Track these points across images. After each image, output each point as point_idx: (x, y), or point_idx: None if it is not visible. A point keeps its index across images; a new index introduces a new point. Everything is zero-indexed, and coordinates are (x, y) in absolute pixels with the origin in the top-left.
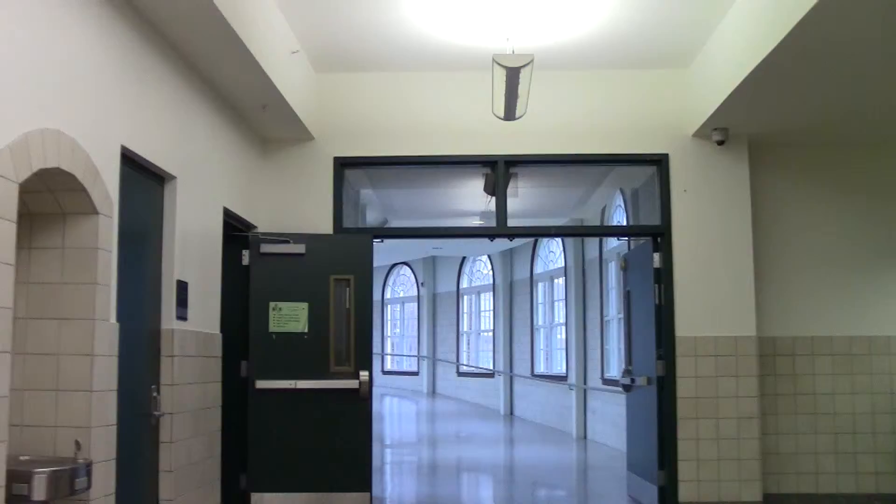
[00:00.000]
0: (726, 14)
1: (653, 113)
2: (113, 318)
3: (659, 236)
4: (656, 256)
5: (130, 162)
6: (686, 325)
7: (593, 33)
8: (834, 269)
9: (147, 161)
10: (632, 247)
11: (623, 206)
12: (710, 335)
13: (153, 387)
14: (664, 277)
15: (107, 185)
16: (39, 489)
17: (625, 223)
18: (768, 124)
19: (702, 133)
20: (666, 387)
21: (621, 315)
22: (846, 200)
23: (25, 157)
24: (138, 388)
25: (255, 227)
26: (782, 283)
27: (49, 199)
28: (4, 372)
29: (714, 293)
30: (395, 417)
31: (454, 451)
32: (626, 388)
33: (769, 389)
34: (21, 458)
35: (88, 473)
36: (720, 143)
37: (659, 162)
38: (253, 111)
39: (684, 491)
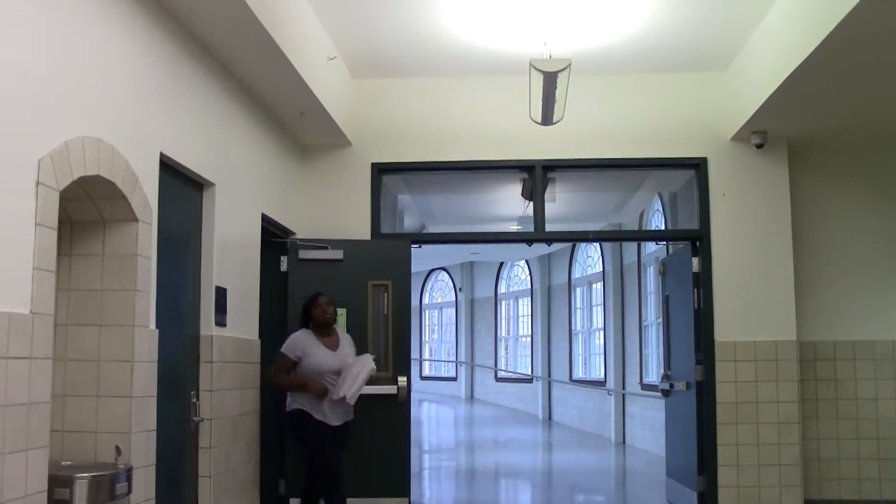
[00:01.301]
0: (765, 16)
1: (691, 117)
2: (152, 325)
3: (698, 240)
4: (695, 261)
5: (169, 169)
6: (725, 329)
7: (630, 37)
8: (875, 272)
9: (186, 168)
10: (670, 251)
11: (661, 210)
12: (749, 340)
13: (192, 392)
14: (703, 282)
15: (146, 192)
16: (81, 494)
17: (663, 227)
18: (808, 127)
19: (740, 136)
20: (705, 392)
21: (660, 320)
22: (887, 203)
23: (66, 165)
24: (178, 393)
25: (293, 233)
26: (823, 286)
27: (89, 206)
28: (46, 378)
29: (753, 297)
30: (433, 423)
31: (492, 457)
32: (665, 393)
33: (810, 394)
34: (62, 463)
35: (129, 479)
36: (759, 146)
37: (697, 166)
38: (291, 117)
39: (724, 496)
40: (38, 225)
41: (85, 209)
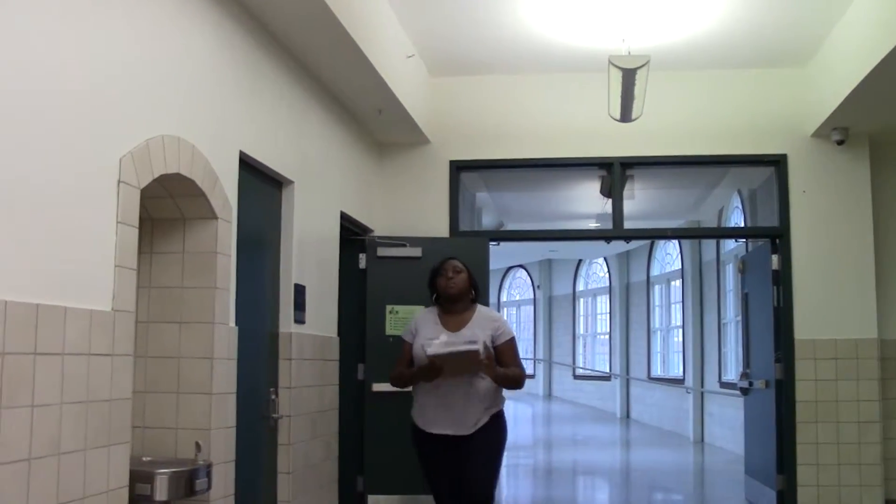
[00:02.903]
0: (847, 9)
1: (770, 113)
2: (232, 322)
3: (777, 238)
4: (775, 258)
5: (249, 167)
6: (805, 327)
7: (709, 32)
8: None
9: (265, 166)
10: (749, 248)
11: (740, 207)
12: (830, 338)
13: (272, 389)
14: (783, 279)
15: (226, 190)
16: (161, 489)
17: (742, 225)
18: (890, 123)
19: (821, 133)
20: (785, 390)
21: (739, 318)
22: None
23: (147, 164)
24: (257, 390)
25: (371, 230)
26: None
27: (170, 204)
28: (128, 374)
29: (834, 295)
30: (511, 420)
31: (570, 455)
32: (744, 392)
33: (891, 393)
34: (143, 458)
35: (208, 474)
36: (840, 142)
37: (777, 163)
38: (369, 115)
39: (803, 496)
40: (120, 223)
41: (165, 207)
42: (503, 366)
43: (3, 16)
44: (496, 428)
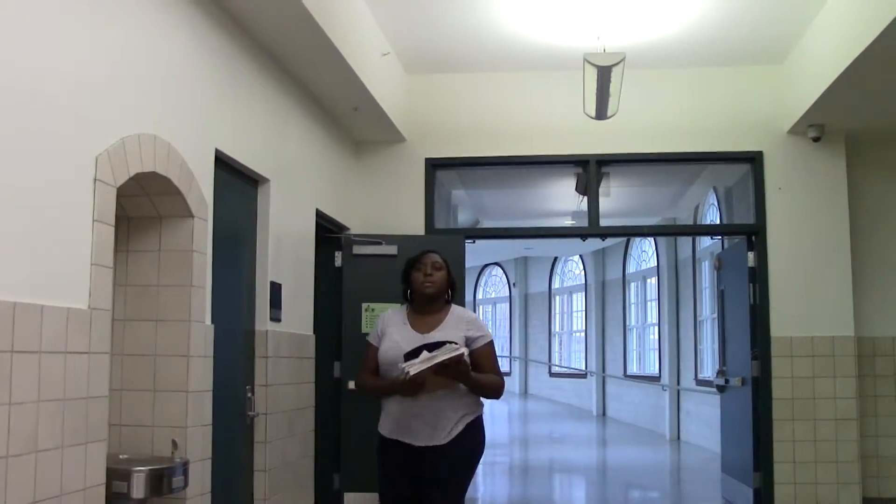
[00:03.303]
0: (822, 7)
1: (746, 110)
2: (208, 320)
3: (753, 235)
4: (751, 255)
5: (225, 165)
6: (782, 324)
7: (685, 30)
8: None
9: (241, 164)
10: (725, 246)
11: (716, 204)
12: (806, 335)
13: (248, 387)
14: (759, 277)
15: (202, 188)
16: (138, 487)
17: (718, 222)
18: (866, 120)
19: (797, 130)
20: (761, 388)
21: (715, 315)
22: None
23: (123, 162)
24: (233, 388)
25: (347, 228)
26: (881, 282)
27: (146, 202)
28: (104, 372)
29: (810, 292)
30: (487, 418)
31: (546, 452)
32: (721, 389)
33: (868, 391)
34: (120, 456)
35: (185, 472)
36: (816, 139)
37: (753, 160)
38: (345, 113)
39: (780, 493)
40: (96, 221)
41: (141, 205)
42: (483, 370)
43: None
44: (472, 438)
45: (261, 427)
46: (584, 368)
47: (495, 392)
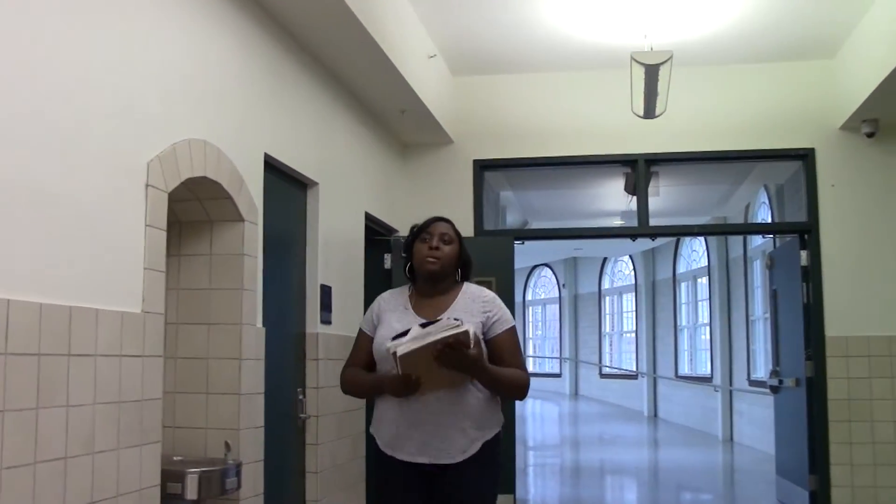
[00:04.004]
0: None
1: (797, 106)
2: (259, 323)
3: (806, 233)
4: (803, 254)
5: (273, 169)
6: (836, 324)
7: (733, 26)
8: None
9: (290, 168)
10: (777, 244)
11: (767, 202)
12: (862, 335)
13: (299, 389)
14: (812, 275)
15: (251, 192)
16: (192, 488)
17: (769, 220)
18: None
19: (850, 125)
20: (816, 388)
21: (767, 314)
22: None
23: (174, 167)
24: (284, 390)
25: (396, 230)
26: None
27: (196, 207)
28: (158, 375)
29: (866, 291)
30: (538, 420)
31: (597, 454)
32: (774, 390)
33: None
34: (174, 458)
35: (238, 474)
36: (870, 135)
37: (805, 157)
38: (392, 116)
39: (837, 496)
40: (148, 226)
41: (192, 210)
42: (503, 363)
43: (35, 22)
44: (489, 461)
45: (312, 429)
46: (634, 369)
47: (518, 390)
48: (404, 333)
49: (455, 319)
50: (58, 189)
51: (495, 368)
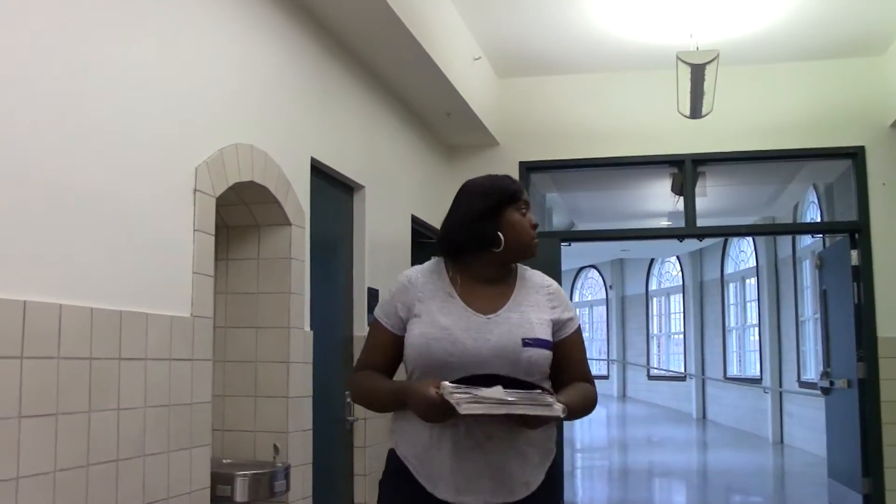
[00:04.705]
0: None
1: (846, 104)
2: (307, 326)
3: (856, 232)
4: (854, 253)
5: (320, 173)
6: (889, 324)
7: (780, 24)
8: None
9: (336, 172)
10: (827, 244)
11: (816, 202)
12: None
13: (347, 393)
14: (863, 275)
15: (298, 196)
16: (242, 491)
17: (819, 220)
18: None
19: None
20: (868, 390)
21: (817, 315)
22: None
23: (221, 172)
24: (333, 394)
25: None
26: None
27: (244, 211)
28: (207, 379)
29: None
30: (585, 422)
31: (645, 456)
32: (825, 391)
33: None
34: (224, 461)
35: (287, 476)
36: None
37: (854, 155)
38: (437, 118)
39: (893, 500)
40: (197, 231)
41: (240, 214)
42: (568, 373)
43: (84, 27)
44: (553, 495)
45: (360, 432)
46: (682, 371)
47: (589, 411)
48: (469, 381)
49: (548, 395)
50: (108, 195)
51: (573, 402)
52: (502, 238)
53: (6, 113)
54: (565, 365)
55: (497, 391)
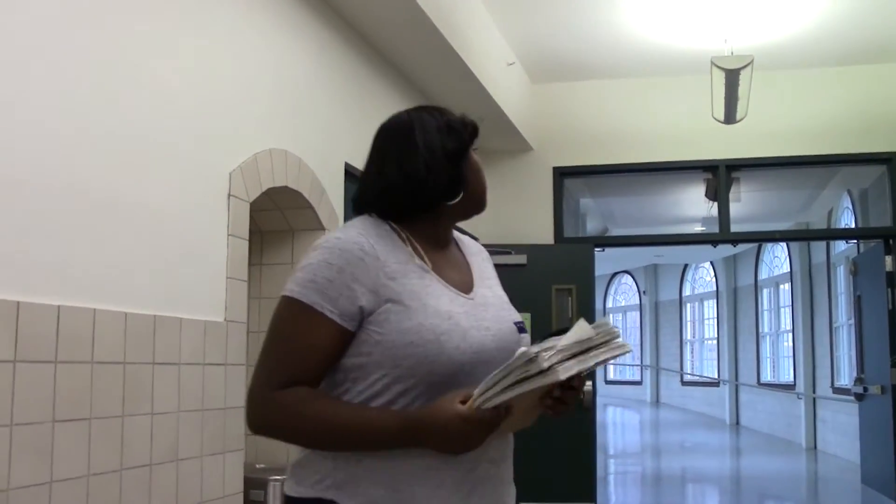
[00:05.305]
0: None
1: (880, 109)
2: None
3: (891, 238)
4: (888, 259)
5: (354, 178)
6: None
7: (814, 29)
8: None
9: None
10: (861, 250)
11: (851, 207)
12: None
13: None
14: None
15: (332, 201)
16: (275, 496)
17: (853, 225)
18: None
19: None
20: None
21: (851, 321)
22: None
23: (255, 177)
24: None
25: (476, 238)
26: None
27: (278, 216)
28: (240, 383)
29: None
30: (619, 427)
31: (679, 462)
32: (859, 397)
33: None
34: (257, 465)
35: None
36: None
37: (889, 161)
38: None
39: None
40: (231, 236)
41: (274, 219)
42: None
43: (118, 33)
44: None
45: None
46: (716, 377)
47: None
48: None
49: (544, 350)
50: (142, 200)
51: None
52: (470, 184)
53: (43, 122)
54: None
55: (582, 328)
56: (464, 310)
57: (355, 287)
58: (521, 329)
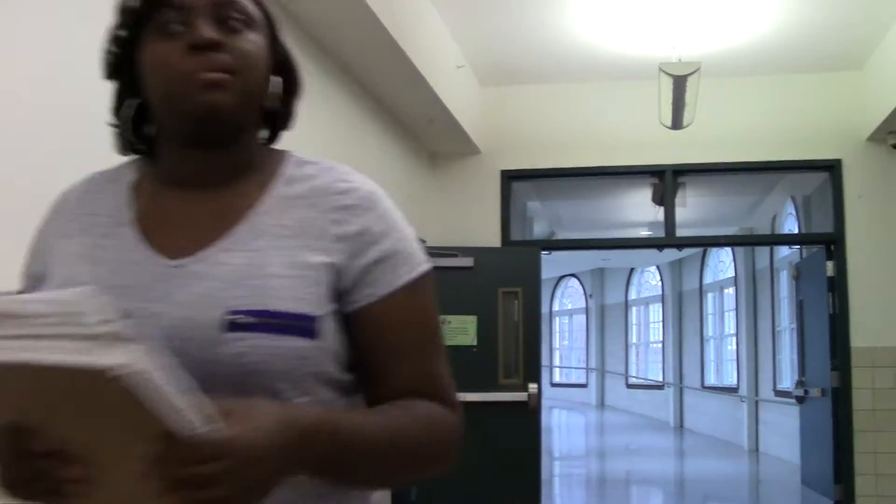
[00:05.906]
0: None
1: (824, 117)
2: None
3: (832, 244)
4: (830, 265)
5: None
6: (862, 335)
7: (761, 38)
8: None
9: None
10: (804, 255)
11: (794, 213)
12: (889, 345)
13: None
14: (838, 286)
15: None
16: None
17: (796, 231)
18: None
19: (877, 137)
20: (841, 399)
21: (794, 325)
22: None
23: None
24: None
25: (423, 240)
26: None
27: None
28: None
29: (892, 302)
30: (564, 430)
31: (623, 464)
32: (800, 400)
33: None
34: None
35: None
36: None
37: (831, 168)
38: (420, 126)
39: None
40: None
41: None
42: (388, 381)
43: (73, 61)
44: None
45: None
46: (661, 379)
47: (434, 461)
48: None
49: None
50: None
51: (354, 437)
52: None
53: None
54: (380, 362)
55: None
56: (132, 280)
57: (30, 262)
58: (234, 325)
